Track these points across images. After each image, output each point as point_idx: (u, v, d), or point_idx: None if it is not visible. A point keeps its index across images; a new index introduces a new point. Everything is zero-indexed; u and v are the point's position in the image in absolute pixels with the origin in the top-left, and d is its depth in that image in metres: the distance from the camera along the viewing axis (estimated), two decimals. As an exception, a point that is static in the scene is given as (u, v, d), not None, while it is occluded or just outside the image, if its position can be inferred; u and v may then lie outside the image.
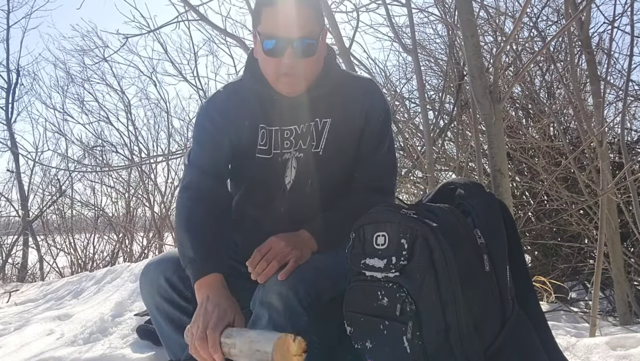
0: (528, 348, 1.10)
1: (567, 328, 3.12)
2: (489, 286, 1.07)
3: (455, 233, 1.06)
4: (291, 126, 1.32)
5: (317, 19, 1.25)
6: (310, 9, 1.23)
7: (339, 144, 1.33)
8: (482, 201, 1.15)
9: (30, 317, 2.78)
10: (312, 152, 1.32)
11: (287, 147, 1.32)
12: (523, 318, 1.12)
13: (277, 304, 1.13)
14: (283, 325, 1.12)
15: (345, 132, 1.33)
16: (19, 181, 7.73)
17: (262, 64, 1.27)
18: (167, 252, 1.40)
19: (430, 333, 1.02)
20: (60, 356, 1.89)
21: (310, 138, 1.32)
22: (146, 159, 7.15)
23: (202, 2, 3.26)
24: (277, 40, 1.20)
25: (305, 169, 1.32)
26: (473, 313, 1.04)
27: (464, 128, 4.62)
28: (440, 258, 1.02)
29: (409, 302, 1.02)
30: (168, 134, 7.28)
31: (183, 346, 1.34)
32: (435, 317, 1.02)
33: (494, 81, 2.28)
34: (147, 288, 1.34)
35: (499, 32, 4.36)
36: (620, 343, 1.80)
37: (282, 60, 1.21)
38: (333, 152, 1.32)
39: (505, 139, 2.83)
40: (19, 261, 7.44)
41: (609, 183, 2.78)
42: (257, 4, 1.25)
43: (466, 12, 2.29)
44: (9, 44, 8.01)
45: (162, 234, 6.70)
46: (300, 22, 1.20)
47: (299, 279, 1.15)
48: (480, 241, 1.07)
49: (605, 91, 3.37)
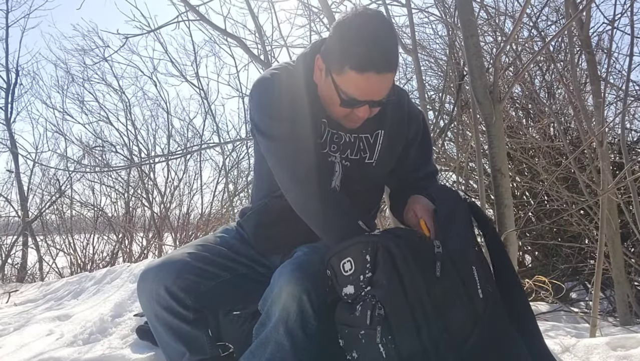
0: (506, 345, 1.12)
1: (567, 328, 3.12)
2: (456, 288, 1.10)
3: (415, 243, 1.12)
4: (341, 133, 1.32)
5: (395, 73, 1.23)
6: (394, 72, 1.20)
7: (392, 153, 1.37)
8: (445, 209, 1.21)
9: (29, 317, 2.77)
10: (364, 163, 1.34)
11: (334, 151, 1.31)
12: (500, 316, 1.14)
13: (290, 305, 1.13)
14: (294, 326, 1.13)
15: (396, 140, 1.37)
16: (18, 181, 7.72)
17: (330, 102, 1.25)
18: (166, 258, 1.35)
19: (402, 335, 1.06)
20: (60, 356, 1.89)
21: (360, 149, 1.33)
22: (146, 159, 7.14)
23: (202, 2, 3.25)
24: (357, 100, 1.19)
25: (353, 178, 1.33)
26: (442, 314, 1.07)
27: (464, 128, 4.62)
28: (402, 263, 1.07)
29: (377, 307, 1.06)
30: (168, 134, 7.29)
31: (181, 354, 1.34)
32: (404, 319, 1.06)
33: (494, 81, 2.28)
34: (146, 297, 1.32)
35: (499, 32, 4.36)
36: (620, 343, 1.80)
37: (354, 110, 1.22)
38: (387, 161, 1.37)
39: (505, 139, 2.82)
40: (18, 261, 7.43)
41: (609, 183, 2.78)
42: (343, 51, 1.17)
43: (466, 12, 2.28)
44: (8, 43, 7.98)
45: (162, 235, 6.70)
46: (387, 87, 1.20)
47: (311, 282, 1.15)
48: (437, 250, 1.12)
49: (605, 91, 3.36)
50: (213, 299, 1.35)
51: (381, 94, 1.20)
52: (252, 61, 4.08)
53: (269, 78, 1.29)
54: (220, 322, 1.45)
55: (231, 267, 1.40)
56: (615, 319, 3.57)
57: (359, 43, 1.14)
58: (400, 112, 1.38)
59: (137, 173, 6.99)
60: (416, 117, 1.43)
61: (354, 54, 1.14)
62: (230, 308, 1.51)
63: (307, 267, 1.17)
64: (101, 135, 7.38)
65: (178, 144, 7.37)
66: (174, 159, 6.86)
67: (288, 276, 1.15)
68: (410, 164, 1.44)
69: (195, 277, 1.32)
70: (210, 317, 1.40)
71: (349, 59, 1.15)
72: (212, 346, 1.36)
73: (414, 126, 1.42)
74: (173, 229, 6.56)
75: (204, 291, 1.33)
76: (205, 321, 1.36)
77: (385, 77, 1.17)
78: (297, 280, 1.14)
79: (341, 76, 1.18)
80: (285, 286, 1.14)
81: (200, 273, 1.33)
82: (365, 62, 1.13)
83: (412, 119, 1.41)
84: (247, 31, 7.81)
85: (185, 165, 7.15)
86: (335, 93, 1.20)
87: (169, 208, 6.87)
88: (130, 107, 7.28)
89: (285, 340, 1.16)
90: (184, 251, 1.38)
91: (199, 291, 1.32)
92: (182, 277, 1.30)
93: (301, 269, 1.16)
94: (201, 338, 1.34)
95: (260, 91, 1.29)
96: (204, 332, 1.35)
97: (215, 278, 1.36)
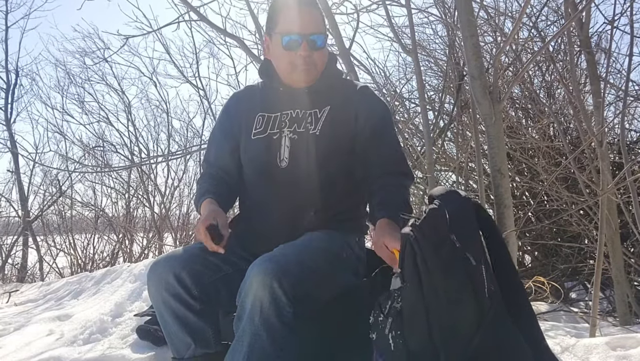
0: (509, 347, 1.13)
1: (567, 328, 3.12)
2: (467, 287, 1.11)
3: (438, 234, 1.12)
4: (288, 110, 1.48)
5: (323, 21, 1.48)
6: (319, 11, 1.46)
7: (335, 128, 1.45)
8: (456, 208, 1.20)
9: (30, 317, 2.78)
10: (309, 134, 1.44)
11: (282, 127, 1.47)
12: (503, 316, 1.14)
13: (262, 293, 1.15)
14: (268, 314, 1.15)
15: (341, 119, 1.46)
16: (19, 182, 7.72)
17: (279, 59, 1.46)
18: (175, 250, 1.42)
19: (412, 332, 1.07)
20: (60, 356, 1.89)
21: (307, 122, 1.46)
22: (146, 160, 7.15)
23: (202, 4, 3.26)
24: (295, 35, 1.40)
25: (300, 149, 1.44)
26: (453, 314, 1.08)
27: (464, 128, 4.62)
28: (422, 260, 1.08)
29: (397, 301, 1.10)
30: (168, 135, 7.29)
31: (187, 345, 1.36)
32: (417, 318, 1.07)
33: (494, 81, 2.29)
34: (155, 284, 1.35)
35: (499, 32, 4.36)
36: (620, 343, 1.80)
37: (298, 52, 1.41)
38: (329, 134, 1.44)
39: (505, 139, 2.83)
40: (18, 261, 7.43)
41: (609, 183, 2.78)
42: (272, 9, 1.47)
43: (466, 12, 2.29)
44: (7, 44, 7.99)
45: (162, 235, 6.70)
46: (312, 21, 1.42)
47: (282, 271, 1.17)
48: (458, 245, 1.12)
49: (605, 91, 3.37)
50: (216, 291, 1.38)
51: (310, 26, 1.40)
52: (252, 61, 4.08)
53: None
54: (220, 322, 1.46)
55: (233, 261, 1.42)
56: (614, 319, 3.58)
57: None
58: (351, 100, 1.48)
59: (137, 173, 7.00)
60: (373, 113, 1.48)
61: (280, 0, 1.44)
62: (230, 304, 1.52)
63: (279, 258, 1.21)
64: (101, 135, 7.40)
65: (178, 144, 7.38)
66: (174, 159, 6.88)
67: (258, 268, 1.18)
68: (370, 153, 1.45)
69: (201, 267, 1.35)
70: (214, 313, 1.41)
71: (277, 8, 1.44)
72: (217, 342, 1.38)
73: (371, 120, 1.46)
74: (173, 229, 6.57)
75: (208, 283, 1.36)
76: (211, 314, 1.37)
77: (308, 10, 1.42)
78: (267, 269, 1.16)
79: (278, 25, 1.43)
80: (256, 276, 1.17)
81: (206, 263, 1.37)
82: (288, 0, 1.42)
83: (367, 115, 1.47)
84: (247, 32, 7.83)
85: (185, 165, 7.16)
86: (280, 46, 1.42)
87: (169, 208, 6.88)
88: (130, 107, 7.29)
89: (262, 330, 1.16)
90: (191, 245, 1.45)
91: (204, 282, 1.35)
92: (190, 265, 1.33)
93: (272, 260, 1.19)
94: (207, 331, 1.36)
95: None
96: (210, 326, 1.37)
97: (218, 270, 1.39)
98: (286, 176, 1.43)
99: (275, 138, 1.46)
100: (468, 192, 4.88)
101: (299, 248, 1.30)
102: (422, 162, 3.91)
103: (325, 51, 1.48)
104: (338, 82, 1.53)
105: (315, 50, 1.43)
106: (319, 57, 1.45)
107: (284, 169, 1.43)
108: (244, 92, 1.62)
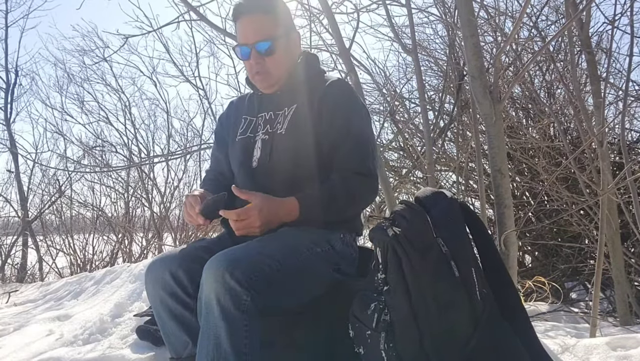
0: (505, 347, 1.12)
1: (567, 328, 3.12)
2: (458, 290, 1.10)
3: (424, 240, 1.11)
4: (263, 113, 1.56)
5: (273, 23, 1.47)
6: (265, 15, 1.47)
7: (299, 126, 1.48)
8: (442, 210, 1.20)
9: (29, 318, 2.77)
10: (276, 134, 1.49)
11: (258, 130, 1.55)
12: (497, 317, 1.14)
13: (216, 286, 1.16)
14: (225, 305, 1.16)
15: (306, 116, 1.49)
16: (18, 181, 7.71)
17: (247, 70, 1.53)
18: (172, 249, 1.45)
19: (404, 343, 1.06)
20: (60, 356, 1.89)
21: (277, 122, 1.51)
22: (145, 160, 7.14)
23: (201, 4, 3.26)
24: (243, 46, 1.47)
25: (269, 149, 1.49)
26: (445, 319, 1.07)
27: (464, 128, 4.62)
28: (408, 266, 1.08)
29: (384, 313, 1.09)
30: (167, 135, 7.28)
31: (185, 344, 1.37)
32: (408, 327, 1.06)
33: (494, 81, 2.28)
34: (152, 283, 1.37)
35: (499, 32, 4.36)
36: (620, 343, 1.80)
37: (250, 62, 1.48)
38: (293, 132, 1.47)
39: (505, 139, 2.82)
40: (18, 261, 7.42)
41: (609, 183, 2.78)
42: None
43: (466, 12, 2.28)
44: (7, 44, 7.99)
45: (162, 235, 6.69)
46: (256, 29, 1.45)
47: (232, 262, 1.18)
48: (444, 250, 1.12)
49: (605, 91, 3.36)
50: None
51: (254, 35, 1.44)
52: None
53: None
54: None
55: None
56: (615, 319, 3.57)
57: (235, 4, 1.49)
58: (316, 93, 1.49)
59: (136, 173, 6.99)
60: (341, 103, 1.47)
61: (233, 10, 1.48)
62: None
63: (232, 251, 1.23)
64: (101, 135, 7.39)
65: (178, 144, 7.37)
66: (173, 159, 6.86)
67: (209, 263, 1.20)
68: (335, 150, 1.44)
69: (197, 265, 1.33)
70: None
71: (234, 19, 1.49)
72: None
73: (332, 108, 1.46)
74: (173, 229, 6.55)
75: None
76: None
77: (253, 18, 1.45)
78: (218, 262, 1.18)
79: (237, 36, 1.50)
80: (208, 271, 1.19)
81: (202, 261, 1.34)
82: (237, 10, 1.47)
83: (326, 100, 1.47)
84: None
85: (185, 165, 7.15)
86: (239, 57, 1.50)
87: (169, 208, 6.87)
88: (129, 107, 7.28)
89: (223, 322, 1.16)
90: (188, 244, 1.49)
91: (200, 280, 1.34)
92: (187, 263, 1.35)
93: (224, 254, 1.22)
94: None
95: None
96: None
97: None
98: (258, 175, 1.49)
99: (252, 140, 1.54)
100: (468, 192, 4.89)
101: (261, 241, 1.31)
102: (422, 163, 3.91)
103: (279, 54, 1.47)
104: (307, 79, 1.53)
105: (266, 56, 1.46)
106: (271, 62, 1.47)
107: (254, 168, 1.50)
108: (237, 100, 1.71)
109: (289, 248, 1.30)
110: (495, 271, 1.22)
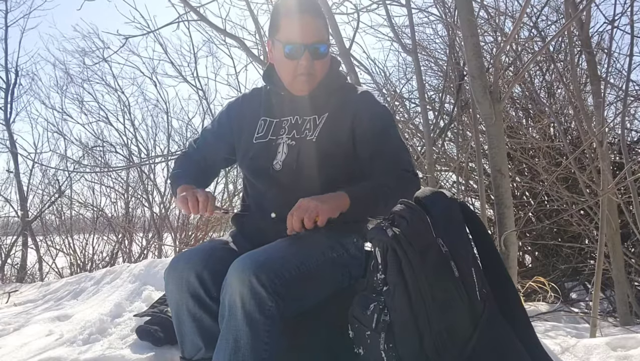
0: (505, 346, 1.12)
1: (567, 328, 3.12)
2: (458, 290, 1.10)
3: (424, 240, 1.11)
4: (289, 117, 1.51)
5: (326, 28, 1.48)
6: (322, 19, 1.46)
7: (333, 134, 1.46)
8: (442, 210, 1.20)
9: (29, 318, 2.77)
10: (307, 140, 1.46)
11: (282, 133, 1.50)
12: (496, 316, 1.14)
13: (242, 289, 1.16)
14: (249, 309, 1.15)
15: (339, 125, 1.47)
16: (18, 182, 7.70)
17: (280, 66, 1.48)
18: (196, 247, 1.43)
19: (404, 344, 1.06)
20: (60, 356, 1.88)
21: (306, 129, 1.48)
22: (145, 160, 7.14)
23: (201, 4, 3.26)
24: (297, 45, 1.41)
25: (297, 155, 1.46)
26: (446, 318, 1.07)
27: (464, 128, 4.62)
28: (407, 267, 1.07)
29: (384, 313, 1.08)
30: (167, 135, 7.28)
31: (198, 348, 1.36)
32: (408, 328, 1.06)
33: (494, 81, 2.28)
34: (175, 283, 1.34)
35: (499, 32, 4.36)
36: (620, 343, 1.80)
37: (299, 62, 1.42)
38: (327, 140, 1.45)
39: (505, 139, 2.82)
40: (18, 261, 7.41)
41: (609, 183, 2.78)
42: (275, 15, 1.47)
43: (466, 12, 2.28)
44: (7, 44, 7.97)
45: (162, 235, 6.69)
46: (314, 30, 1.42)
47: (259, 266, 1.18)
48: (444, 250, 1.12)
49: (605, 91, 3.36)
50: None
51: (312, 35, 1.41)
52: (252, 61, 4.08)
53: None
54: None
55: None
56: (615, 319, 3.58)
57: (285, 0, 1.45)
58: (350, 105, 1.48)
59: (136, 173, 6.99)
60: (377, 111, 1.49)
61: (282, 6, 1.44)
62: None
63: (257, 254, 1.22)
64: (101, 135, 7.39)
65: (177, 144, 7.37)
66: (173, 159, 6.84)
67: (236, 265, 1.20)
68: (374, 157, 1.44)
69: (221, 267, 1.32)
70: None
71: (279, 13, 1.45)
72: None
73: (369, 117, 1.47)
74: (173, 230, 6.55)
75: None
76: None
77: (311, 19, 1.41)
78: (245, 265, 1.18)
79: (279, 31, 1.44)
80: (233, 273, 1.18)
81: (225, 263, 1.33)
82: (290, 6, 1.42)
83: (369, 110, 1.48)
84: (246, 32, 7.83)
85: (184, 165, 7.13)
86: (282, 53, 1.43)
87: (169, 208, 6.86)
88: (129, 107, 7.28)
89: (245, 326, 1.16)
90: (209, 241, 1.52)
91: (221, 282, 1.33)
92: (212, 265, 1.33)
93: (250, 257, 1.21)
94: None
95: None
96: None
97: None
98: (280, 179, 1.45)
99: (274, 144, 1.49)
100: (468, 192, 4.89)
101: (281, 244, 1.30)
102: (422, 162, 3.91)
103: (327, 59, 1.48)
104: (339, 87, 1.53)
105: (318, 59, 1.44)
106: (320, 65, 1.45)
107: (278, 171, 1.46)
108: (250, 95, 1.65)
109: (307, 254, 1.30)
110: (495, 271, 1.22)
